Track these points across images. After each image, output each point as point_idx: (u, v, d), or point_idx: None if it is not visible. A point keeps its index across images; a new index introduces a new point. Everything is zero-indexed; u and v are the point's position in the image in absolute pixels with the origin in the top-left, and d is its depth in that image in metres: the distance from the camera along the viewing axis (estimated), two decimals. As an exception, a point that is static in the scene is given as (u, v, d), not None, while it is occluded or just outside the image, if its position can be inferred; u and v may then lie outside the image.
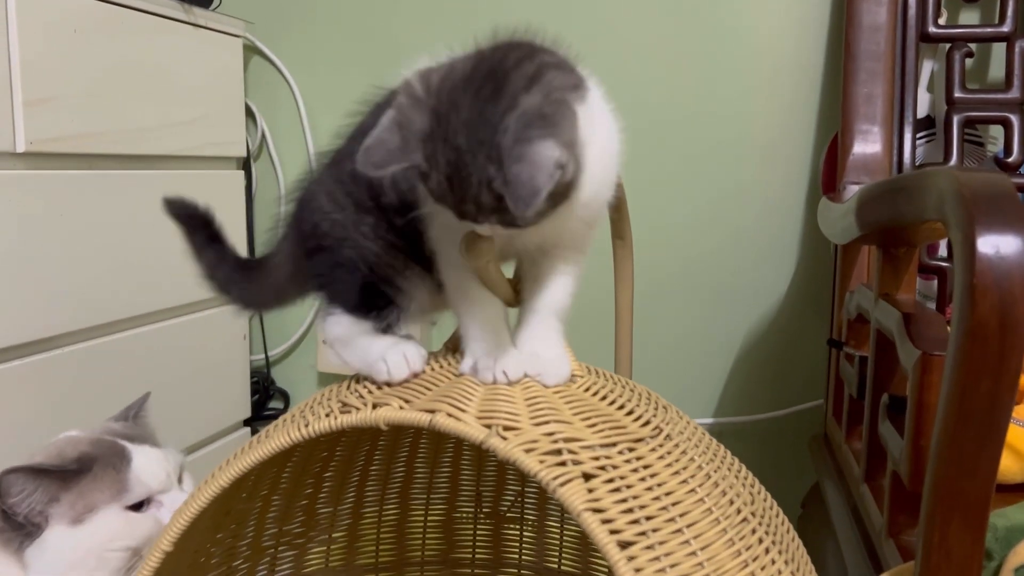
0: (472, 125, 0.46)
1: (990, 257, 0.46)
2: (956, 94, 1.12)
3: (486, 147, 0.46)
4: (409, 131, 0.47)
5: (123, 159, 1.05)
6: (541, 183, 0.45)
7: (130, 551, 0.68)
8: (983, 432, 0.48)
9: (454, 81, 0.48)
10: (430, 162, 0.48)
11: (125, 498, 0.69)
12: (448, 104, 0.47)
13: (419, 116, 0.48)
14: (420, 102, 0.48)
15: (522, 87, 0.47)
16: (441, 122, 0.47)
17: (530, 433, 0.51)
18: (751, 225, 1.28)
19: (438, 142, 0.47)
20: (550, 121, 0.46)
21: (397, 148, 0.48)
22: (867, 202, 0.67)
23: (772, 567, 0.51)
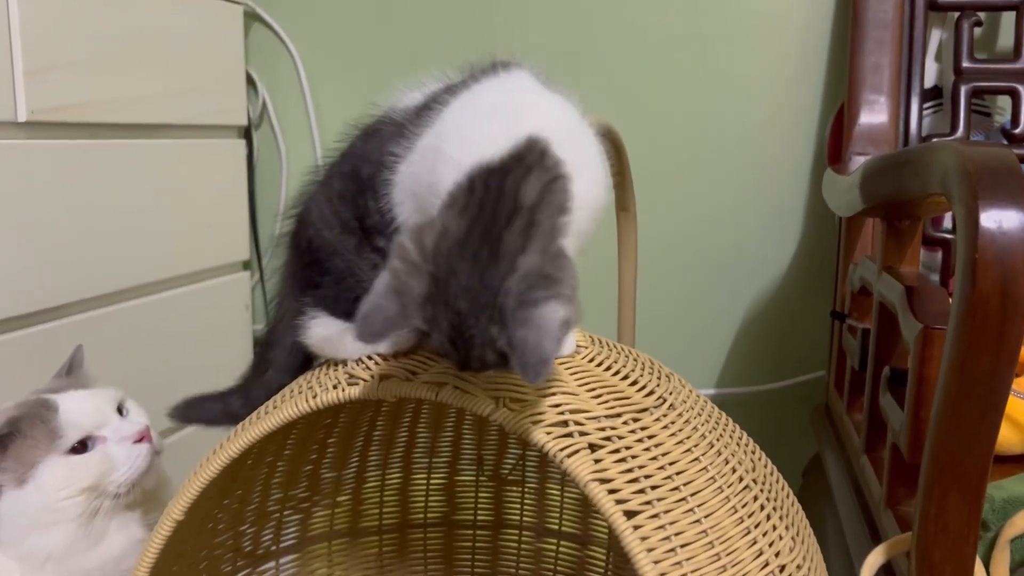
0: (473, 291, 0.47)
1: (992, 232, 0.47)
2: (964, 64, 1.12)
3: (488, 310, 0.47)
4: (407, 296, 0.48)
5: (124, 128, 1.05)
6: (549, 350, 0.45)
7: (86, 492, 0.68)
8: (982, 405, 0.49)
9: (449, 245, 0.48)
10: (431, 324, 0.48)
11: (60, 444, 0.68)
12: (446, 270, 0.47)
13: (417, 281, 0.48)
14: (417, 267, 0.48)
15: (517, 248, 0.47)
16: (440, 287, 0.47)
17: (537, 405, 0.52)
18: (755, 196, 1.28)
19: (439, 306, 0.48)
20: (552, 280, 0.46)
21: (396, 315, 0.48)
22: (871, 175, 0.68)
23: (773, 533, 0.52)
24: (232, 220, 1.27)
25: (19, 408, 0.69)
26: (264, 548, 0.81)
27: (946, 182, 0.52)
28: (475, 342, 0.48)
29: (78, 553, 0.68)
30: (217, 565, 0.76)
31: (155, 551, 0.59)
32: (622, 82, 1.29)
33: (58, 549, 0.67)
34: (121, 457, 0.70)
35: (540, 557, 0.93)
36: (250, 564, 0.80)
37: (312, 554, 0.87)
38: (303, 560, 0.86)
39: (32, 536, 0.66)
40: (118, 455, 0.70)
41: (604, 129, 0.75)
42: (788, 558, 0.52)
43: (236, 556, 0.78)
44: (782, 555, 0.52)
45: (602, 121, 0.74)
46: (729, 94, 1.27)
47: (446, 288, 0.47)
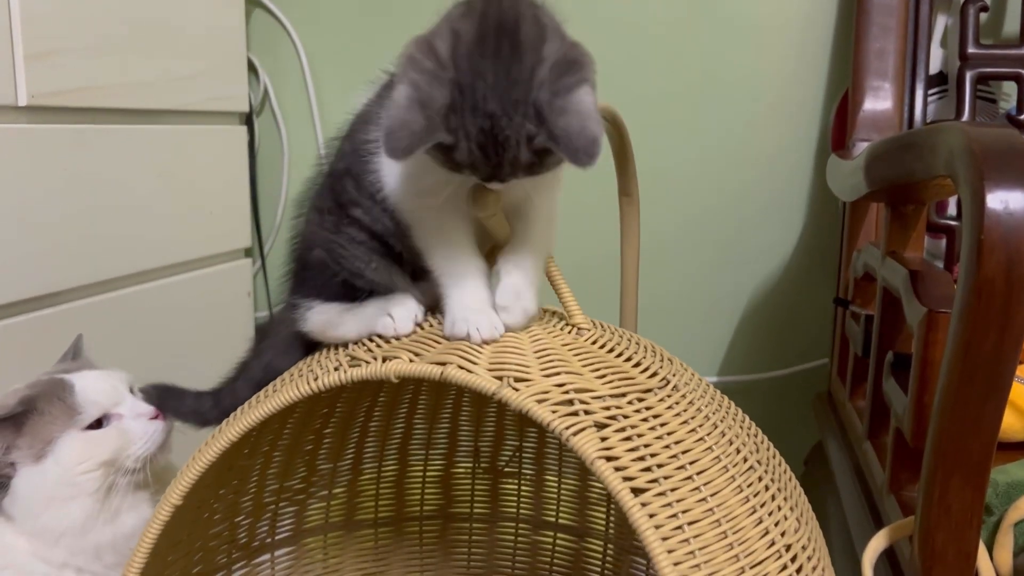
0: (502, 89, 0.47)
1: (999, 213, 0.49)
2: (970, 49, 1.14)
3: (522, 107, 0.47)
4: (431, 108, 0.48)
5: (125, 113, 1.06)
6: (596, 131, 0.46)
7: (103, 467, 0.70)
8: (986, 389, 0.51)
9: (467, 47, 0.48)
10: (457, 134, 0.48)
11: (79, 420, 0.70)
12: (470, 72, 0.48)
13: (439, 90, 0.48)
14: (436, 75, 0.48)
15: (537, 36, 0.48)
16: (466, 92, 0.48)
17: (541, 384, 0.54)
18: (759, 182, 1.30)
19: (466, 112, 0.48)
20: (579, 65, 0.48)
21: (422, 128, 0.48)
22: (876, 158, 0.70)
23: (778, 513, 0.54)
24: (233, 207, 1.28)
25: (33, 387, 0.71)
26: (259, 540, 0.83)
27: (952, 164, 0.54)
28: (510, 143, 0.48)
29: (93, 529, 0.70)
30: (212, 556, 0.77)
31: (153, 535, 0.61)
32: (626, 69, 1.31)
33: (75, 524, 0.69)
34: (138, 432, 0.72)
35: (537, 550, 0.94)
36: (245, 556, 0.82)
37: (307, 547, 0.88)
38: (298, 553, 0.87)
39: (49, 511, 0.68)
40: (134, 430, 0.72)
41: (606, 112, 0.77)
42: (793, 538, 0.54)
43: (231, 548, 0.79)
44: (787, 535, 0.54)
45: (604, 105, 0.75)
46: (733, 81, 1.29)
47: (472, 92, 0.47)
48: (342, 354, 0.61)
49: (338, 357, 0.61)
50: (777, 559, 0.52)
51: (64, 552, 0.69)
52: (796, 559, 0.53)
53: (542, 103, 0.47)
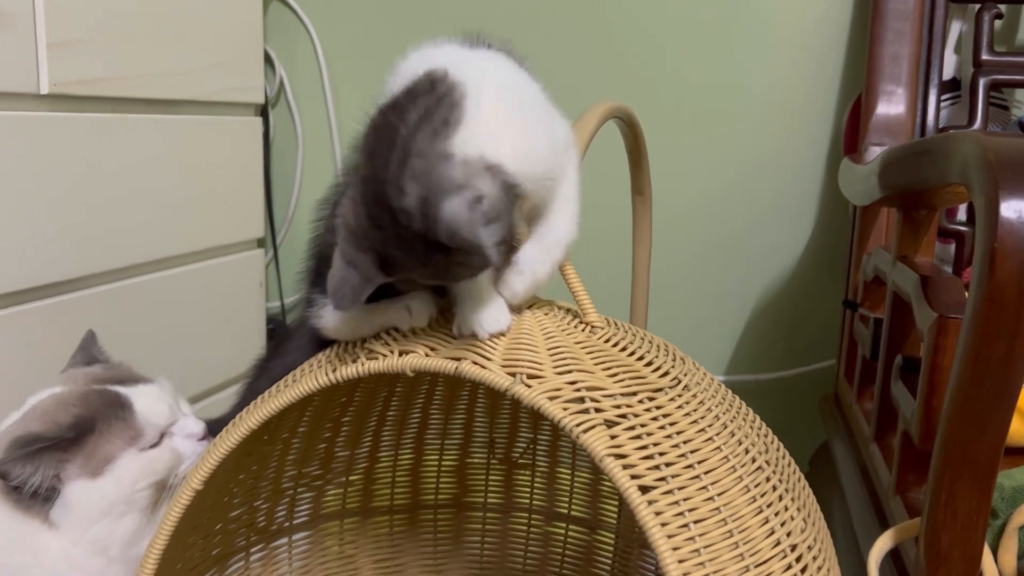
0: (408, 248, 0.51)
1: (1012, 222, 0.47)
2: (983, 56, 1.12)
3: (432, 249, 0.50)
4: (363, 267, 0.52)
5: (143, 103, 1.06)
6: (470, 234, 0.48)
7: (155, 485, 0.70)
8: (995, 394, 0.50)
9: (364, 224, 0.51)
10: (399, 277, 0.53)
11: (141, 442, 0.70)
12: (380, 243, 0.51)
13: (364, 256, 0.52)
14: (358, 245, 0.52)
15: (398, 196, 0.50)
16: (383, 255, 0.52)
17: (553, 381, 0.53)
18: (770, 183, 1.29)
19: (395, 266, 0.52)
20: (431, 193, 0.49)
21: (360, 282, 0.52)
22: (891, 164, 0.69)
23: (785, 513, 0.53)
24: (247, 198, 1.28)
25: (88, 405, 0.69)
26: (277, 524, 0.83)
27: (966, 172, 0.52)
28: (446, 268, 0.51)
29: (139, 542, 0.69)
30: (232, 539, 0.77)
31: (174, 519, 0.60)
32: (639, 70, 1.30)
33: (125, 537, 0.69)
34: (187, 452, 0.72)
35: (549, 540, 0.94)
36: (263, 539, 0.81)
37: (324, 532, 0.88)
38: (315, 537, 0.87)
39: (101, 524, 0.68)
40: (184, 449, 0.72)
41: (621, 112, 0.76)
42: (800, 538, 0.53)
43: (250, 531, 0.79)
44: (794, 535, 0.53)
45: (619, 104, 0.74)
46: (745, 83, 1.28)
47: (388, 254, 0.51)
48: (360, 347, 0.60)
49: (356, 350, 0.60)
50: (782, 559, 0.51)
51: (102, 562, 0.68)
52: (801, 559, 0.52)
53: (444, 243, 0.50)
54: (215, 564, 0.76)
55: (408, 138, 0.50)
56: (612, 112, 0.73)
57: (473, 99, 0.51)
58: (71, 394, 0.70)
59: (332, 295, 0.52)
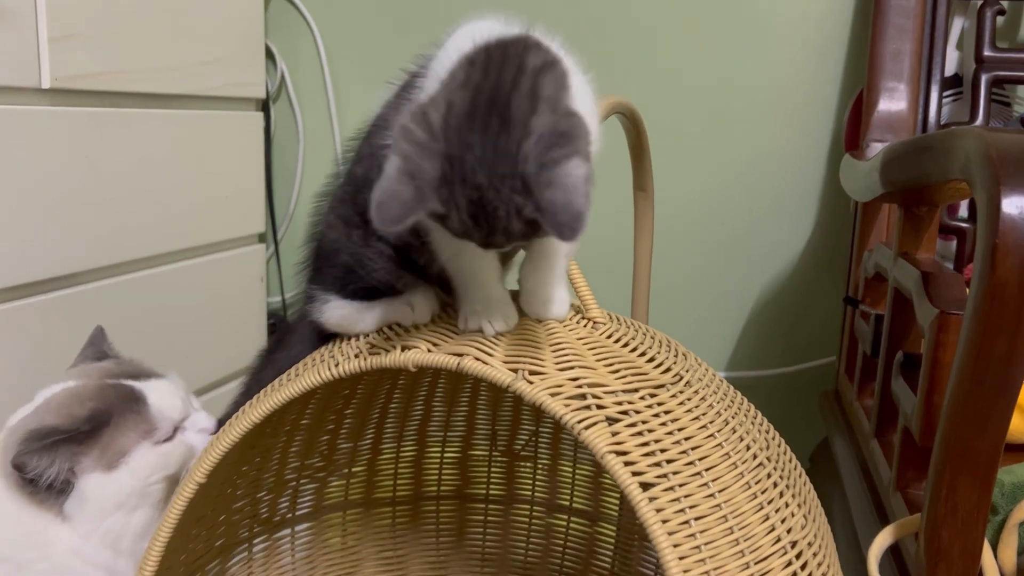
0: (490, 161, 0.46)
1: (1014, 218, 0.47)
2: (986, 52, 1.12)
3: (509, 180, 0.46)
4: (421, 179, 0.46)
5: (145, 98, 1.05)
6: (580, 205, 0.44)
7: (168, 479, 0.70)
8: (996, 390, 0.50)
9: (458, 120, 0.47)
10: (448, 205, 0.47)
11: (155, 436, 0.70)
12: (459, 145, 0.46)
13: (429, 162, 0.46)
14: (427, 147, 0.47)
15: (528, 109, 0.46)
16: (455, 164, 0.46)
17: (555, 378, 0.53)
18: (771, 180, 1.28)
19: (455, 184, 0.46)
20: (568, 137, 0.46)
21: (412, 199, 0.46)
22: (892, 160, 0.68)
23: (786, 510, 0.53)
24: (248, 193, 1.27)
25: (103, 398, 0.69)
26: (280, 515, 0.83)
27: (968, 168, 0.52)
28: (499, 214, 0.46)
29: (150, 535, 0.69)
30: (235, 530, 0.77)
31: (178, 512, 0.60)
32: (641, 65, 1.29)
33: (137, 531, 0.69)
34: (199, 446, 0.72)
35: (551, 532, 0.93)
36: (266, 531, 0.81)
37: (327, 523, 0.88)
38: (318, 528, 0.87)
39: (114, 517, 0.68)
40: (196, 444, 0.72)
41: (623, 108, 0.76)
42: (800, 535, 0.53)
43: (253, 522, 0.79)
44: (794, 531, 0.52)
45: (621, 100, 0.74)
46: (747, 79, 1.27)
47: (461, 164, 0.46)
48: (363, 342, 0.60)
49: (358, 344, 0.60)
50: (782, 555, 0.50)
51: (110, 555, 0.68)
52: (801, 555, 0.52)
53: (529, 176, 0.46)
54: (219, 555, 0.76)
55: (535, 76, 0.47)
56: (615, 108, 0.73)
57: (570, 69, 0.49)
58: (86, 388, 0.70)
59: (376, 208, 0.46)
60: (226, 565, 0.77)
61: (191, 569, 0.72)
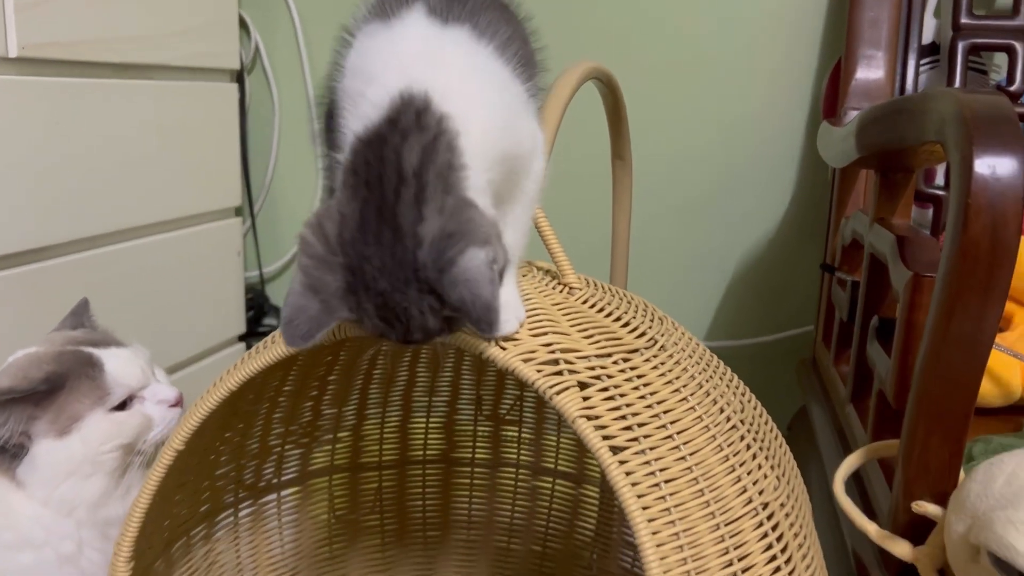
0: (390, 270, 0.45)
1: (986, 178, 0.45)
2: (963, 20, 1.09)
3: (415, 283, 0.45)
4: (326, 292, 0.45)
5: (116, 68, 1.01)
6: (487, 294, 0.43)
7: (124, 448, 0.68)
8: (967, 349, 0.48)
9: (352, 232, 0.45)
10: (357, 312, 0.46)
11: (108, 401, 0.68)
12: (357, 257, 0.45)
13: (331, 275, 0.46)
14: (326, 260, 0.46)
15: (415, 218, 0.45)
16: (356, 274, 0.45)
17: (528, 344, 0.51)
18: (750, 148, 1.26)
19: (360, 292, 0.45)
20: (458, 235, 0.44)
21: (320, 313, 0.46)
22: (868, 123, 0.66)
23: (758, 472, 0.52)
24: (224, 165, 1.24)
25: (60, 362, 0.67)
26: (266, 481, 0.81)
27: (942, 129, 0.50)
28: (412, 314, 0.46)
29: (106, 504, 0.68)
30: (220, 496, 0.76)
31: (157, 477, 0.58)
32: (622, 37, 1.26)
33: (91, 499, 0.67)
34: (157, 418, 0.70)
35: (536, 495, 0.92)
36: (252, 495, 0.80)
37: (313, 487, 0.86)
38: (304, 493, 0.85)
39: (67, 484, 0.66)
40: (155, 415, 0.70)
41: (599, 73, 0.73)
42: (771, 496, 0.51)
43: (238, 487, 0.78)
44: (766, 493, 0.51)
45: (596, 66, 0.71)
46: (726, 48, 1.24)
47: (362, 274, 0.45)
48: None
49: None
50: (753, 516, 0.49)
51: (71, 524, 0.67)
52: (773, 516, 0.50)
53: (432, 281, 0.44)
54: (204, 520, 0.74)
55: (417, 179, 0.45)
56: (590, 73, 0.70)
57: (466, 139, 0.46)
58: (45, 353, 0.69)
59: (286, 326, 0.46)
60: (212, 530, 0.75)
61: (176, 534, 0.70)
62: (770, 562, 0.49)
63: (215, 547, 0.76)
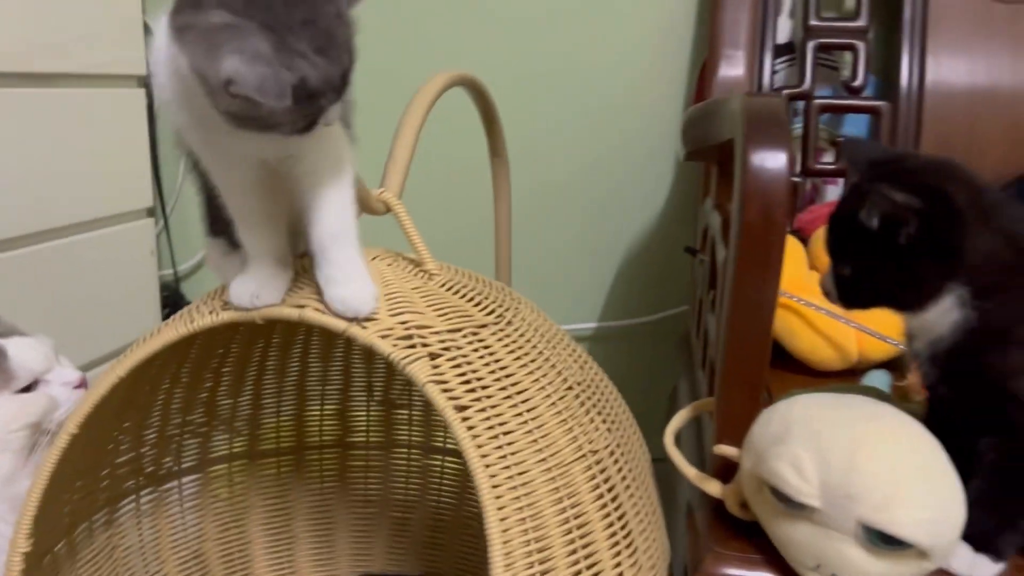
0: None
1: (758, 168, 0.55)
2: (811, 22, 1.21)
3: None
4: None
5: (20, 77, 1.06)
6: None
7: (30, 428, 0.73)
8: (755, 313, 0.58)
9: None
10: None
11: (13, 385, 0.73)
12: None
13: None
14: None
15: None
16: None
17: (386, 322, 0.59)
18: (630, 142, 1.36)
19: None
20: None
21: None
22: (688, 125, 0.76)
23: (590, 425, 0.61)
24: (134, 168, 1.28)
25: None
26: (166, 469, 0.87)
27: (733, 128, 0.60)
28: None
29: (16, 482, 0.73)
30: (120, 483, 0.81)
31: (52, 462, 0.64)
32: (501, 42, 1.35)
33: (3, 476, 0.72)
34: (62, 398, 0.76)
35: (427, 472, 1.00)
36: (152, 483, 0.86)
37: (213, 475, 0.93)
38: (204, 480, 0.92)
39: None
40: (60, 396, 0.76)
41: (463, 81, 0.82)
42: (601, 444, 0.61)
43: (138, 475, 0.83)
44: (596, 443, 0.60)
45: (460, 74, 0.80)
46: (607, 50, 1.34)
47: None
48: (217, 299, 0.65)
49: (214, 303, 0.65)
50: (583, 461, 0.58)
51: None
52: (601, 461, 0.60)
53: None
54: (105, 506, 0.80)
55: None
56: (453, 82, 0.79)
57: None
58: None
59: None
60: (113, 516, 0.81)
61: (78, 518, 0.76)
62: (597, 499, 0.58)
63: (117, 531, 0.82)
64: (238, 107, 0.49)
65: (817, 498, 0.53)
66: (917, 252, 0.54)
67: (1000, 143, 1.16)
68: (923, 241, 0.54)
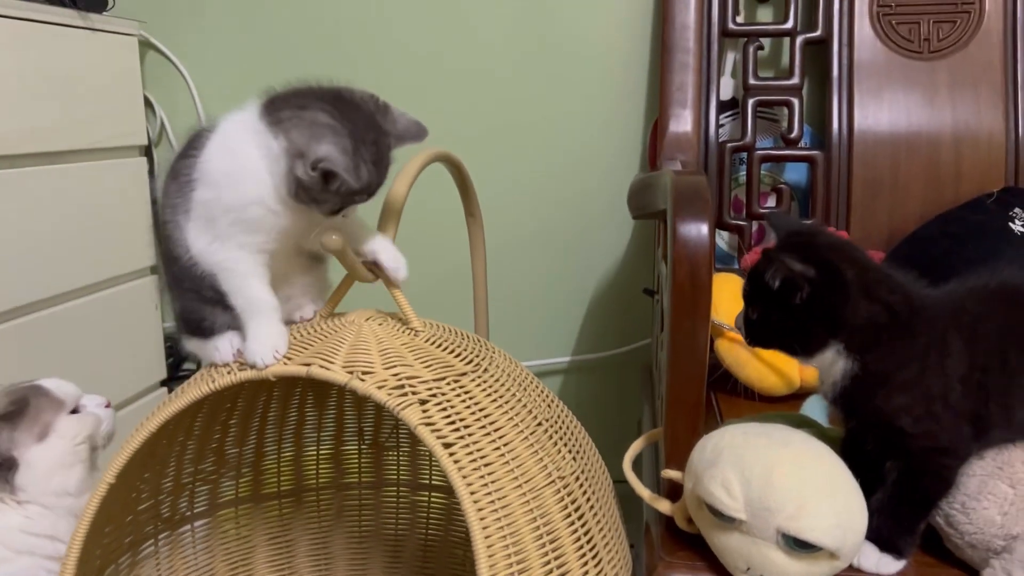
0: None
1: (684, 236, 0.68)
2: (751, 81, 1.36)
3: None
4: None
5: (29, 157, 1.16)
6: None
7: (88, 440, 0.88)
8: (689, 355, 0.71)
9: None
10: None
11: (65, 407, 0.87)
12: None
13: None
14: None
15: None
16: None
17: (382, 375, 0.71)
18: (594, 193, 1.50)
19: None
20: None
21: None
22: (631, 195, 0.89)
23: (558, 455, 0.73)
24: (137, 229, 1.39)
25: (14, 392, 0.85)
26: (180, 514, 0.98)
27: (666, 200, 0.73)
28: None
29: (83, 492, 0.86)
30: (142, 528, 0.92)
31: (93, 509, 0.75)
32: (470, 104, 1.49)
33: (76, 485, 0.86)
34: (102, 414, 0.90)
35: (415, 508, 1.11)
36: (168, 527, 0.96)
37: (222, 518, 1.03)
38: (214, 523, 1.02)
39: (57, 477, 0.85)
40: (100, 413, 0.90)
41: (441, 157, 0.94)
42: (568, 471, 0.73)
43: (156, 520, 0.94)
44: (563, 470, 0.72)
45: (438, 151, 0.92)
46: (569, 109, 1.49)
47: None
48: (235, 362, 0.77)
49: (230, 364, 0.76)
50: (553, 486, 0.70)
51: (54, 517, 0.84)
52: (568, 486, 0.71)
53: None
54: (129, 550, 0.90)
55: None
56: (433, 158, 0.91)
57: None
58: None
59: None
60: (136, 558, 0.92)
61: (105, 562, 0.86)
62: (566, 518, 0.70)
63: (140, 572, 0.92)
64: (310, 181, 0.69)
65: (743, 512, 0.66)
66: (808, 312, 0.67)
67: (920, 182, 1.30)
68: (813, 304, 0.67)
